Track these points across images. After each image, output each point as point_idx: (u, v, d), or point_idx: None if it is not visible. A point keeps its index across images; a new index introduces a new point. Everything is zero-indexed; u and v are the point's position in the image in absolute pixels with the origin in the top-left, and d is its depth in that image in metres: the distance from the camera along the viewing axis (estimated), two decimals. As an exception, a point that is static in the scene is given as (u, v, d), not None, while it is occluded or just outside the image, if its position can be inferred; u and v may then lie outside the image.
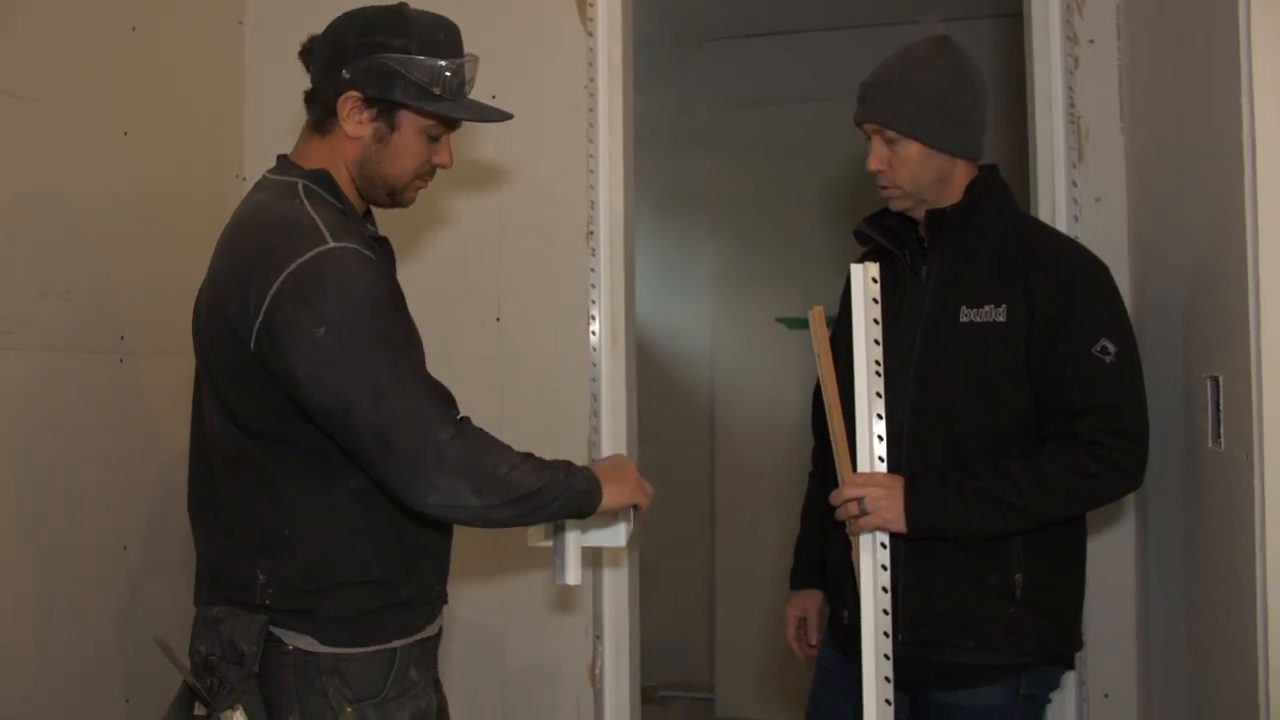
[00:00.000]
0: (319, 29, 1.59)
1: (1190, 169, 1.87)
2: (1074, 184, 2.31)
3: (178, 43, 2.47)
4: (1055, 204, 2.31)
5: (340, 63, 1.60)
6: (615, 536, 1.81)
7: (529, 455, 1.56)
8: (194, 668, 1.58)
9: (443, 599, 1.74)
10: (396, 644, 1.62)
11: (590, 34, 2.55)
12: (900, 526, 1.75)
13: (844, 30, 4.19)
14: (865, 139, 1.90)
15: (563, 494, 1.56)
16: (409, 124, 1.64)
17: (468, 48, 1.69)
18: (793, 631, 2.18)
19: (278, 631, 1.57)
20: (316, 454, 1.56)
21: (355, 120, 1.62)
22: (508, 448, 1.54)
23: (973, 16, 3.97)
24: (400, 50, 1.59)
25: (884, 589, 1.75)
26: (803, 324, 1.90)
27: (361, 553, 1.59)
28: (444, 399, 1.53)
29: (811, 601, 2.17)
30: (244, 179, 2.66)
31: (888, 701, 1.72)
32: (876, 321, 1.77)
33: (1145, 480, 1.79)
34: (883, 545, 1.77)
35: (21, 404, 1.99)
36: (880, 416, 1.76)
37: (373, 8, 1.64)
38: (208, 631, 1.58)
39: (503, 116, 1.70)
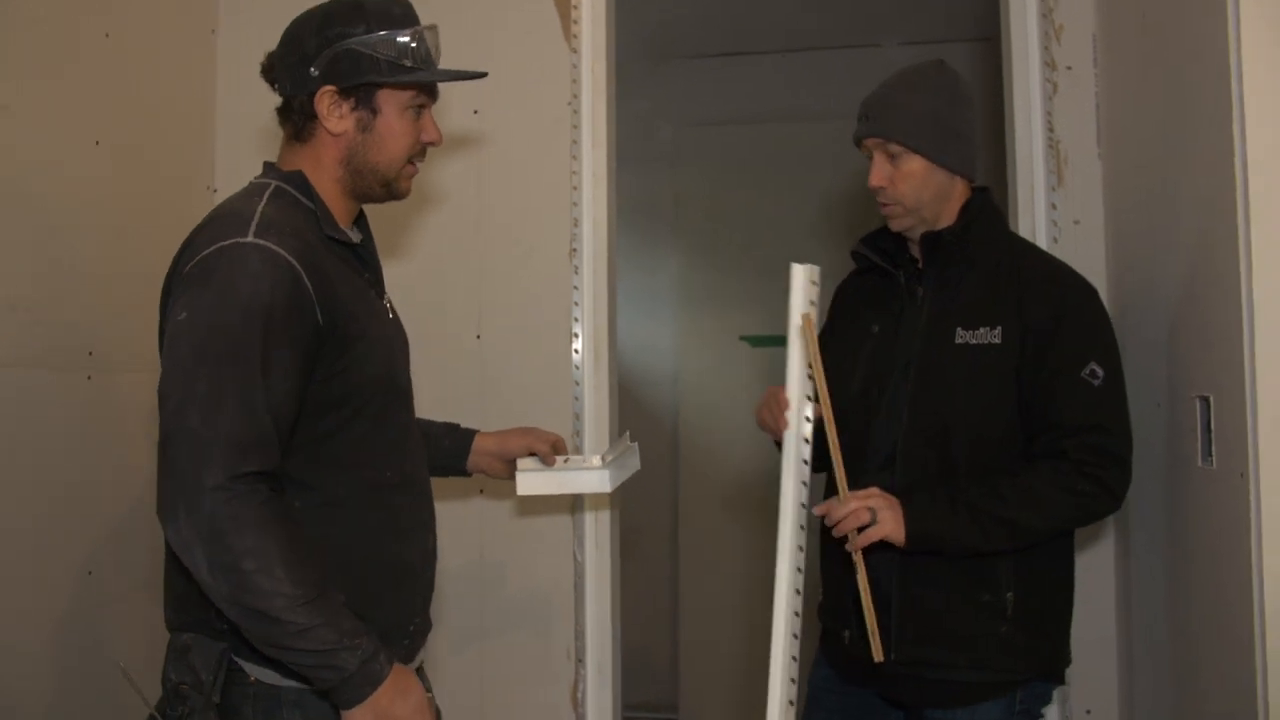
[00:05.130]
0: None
1: (1174, 190, 1.89)
2: (1054, 206, 2.34)
3: (150, 51, 2.41)
4: (1035, 226, 2.34)
5: (306, 64, 1.57)
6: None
7: (322, 592, 1.39)
8: (165, 695, 1.52)
9: (424, 629, 1.66)
10: None
11: (575, 50, 2.54)
12: (900, 538, 1.77)
13: (806, 52, 4.22)
14: (865, 158, 1.91)
15: (317, 653, 1.38)
16: (390, 104, 1.61)
17: (452, 63, 1.68)
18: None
19: (240, 662, 1.49)
20: None
21: (336, 115, 1.59)
22: (294, 559, 1.37)
23: (932, 41, 4.01)
24: (362, 34, 1.57)
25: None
26: (766, 341, 1.90)
27: (329, 574, 1.45)
28: (248, 446, 1.38)
29: None
30: (215, 190, 2.60)
31: (792, 679, 1.73)
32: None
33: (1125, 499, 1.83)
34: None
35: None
36: (809, 419, 1.78)
37: (321, 5, 1.62)
38: (178, 659, 1.52)
39: (477, 75, 1.71)
